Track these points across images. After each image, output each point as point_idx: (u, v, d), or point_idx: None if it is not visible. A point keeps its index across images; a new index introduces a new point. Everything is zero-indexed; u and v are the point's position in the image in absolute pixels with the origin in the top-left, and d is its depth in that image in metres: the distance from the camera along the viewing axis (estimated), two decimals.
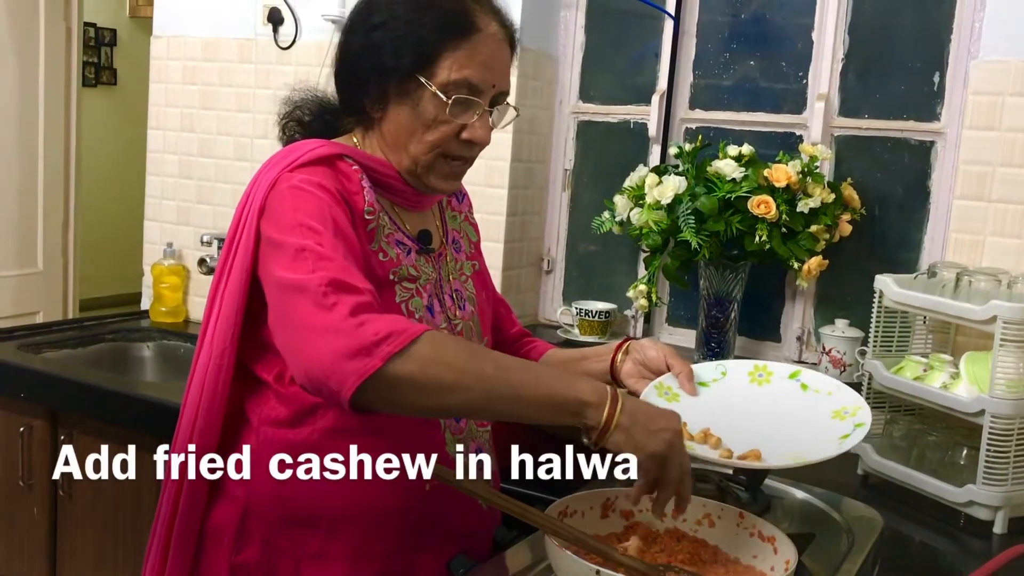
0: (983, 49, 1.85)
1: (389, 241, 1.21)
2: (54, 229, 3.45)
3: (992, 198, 1.82)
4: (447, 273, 1.30)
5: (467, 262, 1.37)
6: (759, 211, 1.99)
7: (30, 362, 2.20)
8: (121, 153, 5.83)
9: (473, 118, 1.18)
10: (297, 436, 1.18)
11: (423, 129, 1.18)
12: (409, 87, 1.17)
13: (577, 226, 2.48)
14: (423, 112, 1.17)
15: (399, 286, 1.20)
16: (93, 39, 6.17)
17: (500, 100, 1.22)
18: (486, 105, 1.19)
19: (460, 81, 1.16)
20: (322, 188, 1.13)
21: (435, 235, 1.31)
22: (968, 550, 1.50)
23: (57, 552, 2.14)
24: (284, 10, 2.54)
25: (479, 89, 1.17)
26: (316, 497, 1.17)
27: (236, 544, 1.20)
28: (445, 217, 1.37)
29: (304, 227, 1.09)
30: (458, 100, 1.16)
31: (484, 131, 1.20)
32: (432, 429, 1.22)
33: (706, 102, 2.32)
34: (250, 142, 2.65)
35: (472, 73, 1.16)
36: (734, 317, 2.15)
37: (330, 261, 1.05)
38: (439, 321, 1.25)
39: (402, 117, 1.19)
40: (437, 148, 1.19)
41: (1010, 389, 1.47)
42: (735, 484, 1.36)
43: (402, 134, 1.19)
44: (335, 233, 1.09)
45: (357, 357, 0.97)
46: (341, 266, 1.05)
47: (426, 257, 1.26)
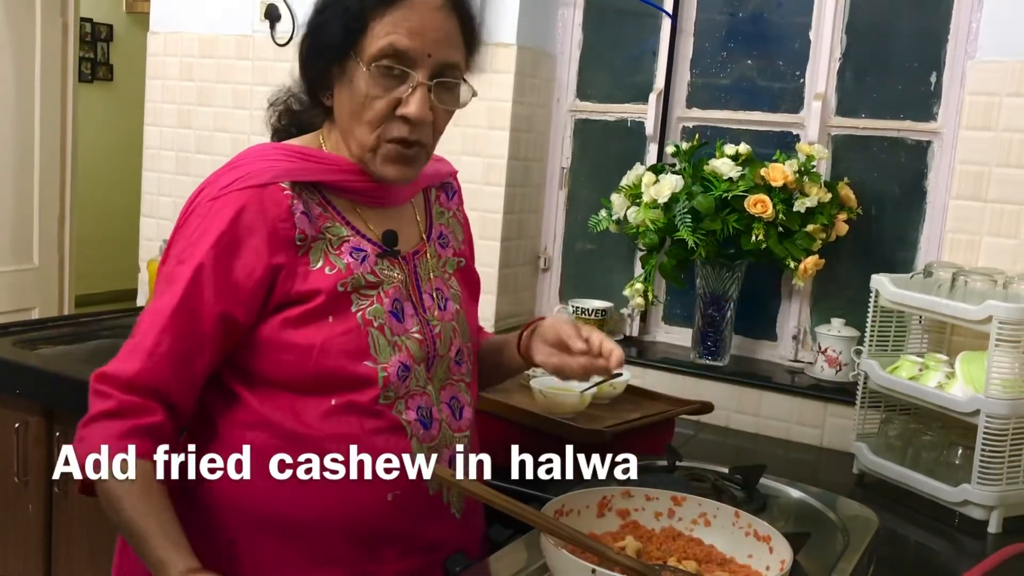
0: (980, 49, 1.86)
1: (340, 252, 1.17)
2: (50, 225, 3.45)
3: (988, 198, 1.83)
4: (427, 271, 1.27)
5: (452, 258, 1.33)
6: (756, 210, 1.99)
7: (25, 358, 2.20)
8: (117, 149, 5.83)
9: (406, 91, 1.12)
10: (258, 439, 1.16)
11: (360, 108, 1.13)
12: (347, 66, 1.13)
13: (574, 224, 2.48)
14: (357, 89, 1.12)
15: (356, 295, 1.16)
16: (89, 34, 6.16)
17: (447, 75, 1.14)
18: (422, 79, 1.12)
19: (385, 48, 1.10)
20: (219, 240, 1.12)
21: (410, 233, 1.27)
22: (963, 549, 1.50)
23: (52, 549, 2.14)
24: (281, 7, 2.54)
25: (409, 58, 1.11)
26: (275, 502, 1.15)
27: (199, 545, 1.14)
28: (432, 212, 1.32)
29: (161, 281, 1.14)
30: (381, 68, 1.10)
31: (419, 105, 1.11)
32: (397, 436, 1.18)
33: (703, 101, 2.32)
34: (247, 139, 2.64)
35: (397, 39, 1.10)
36: (730, 316, 2.16)
37: (133, 355, 1.12)
38: (410, 325, 1.21)
39: (343, 99, 1.15)
40: (376, 129, 1.13)
41: (1005, 389, 1.48)
42: (731, 483, 1.37)
43: (347, 118, 1.16)
44: (184, 292, 1.11)
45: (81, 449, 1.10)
46: (137, 363, 1.11)
47: (391, 260, 1.22)
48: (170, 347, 1.11)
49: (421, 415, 1.20)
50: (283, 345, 1.14)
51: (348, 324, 1.15)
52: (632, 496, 1.19)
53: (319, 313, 1.14)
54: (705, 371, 2.14)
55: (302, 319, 1.14)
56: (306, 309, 1.14)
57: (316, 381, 1.14)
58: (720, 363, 2.16)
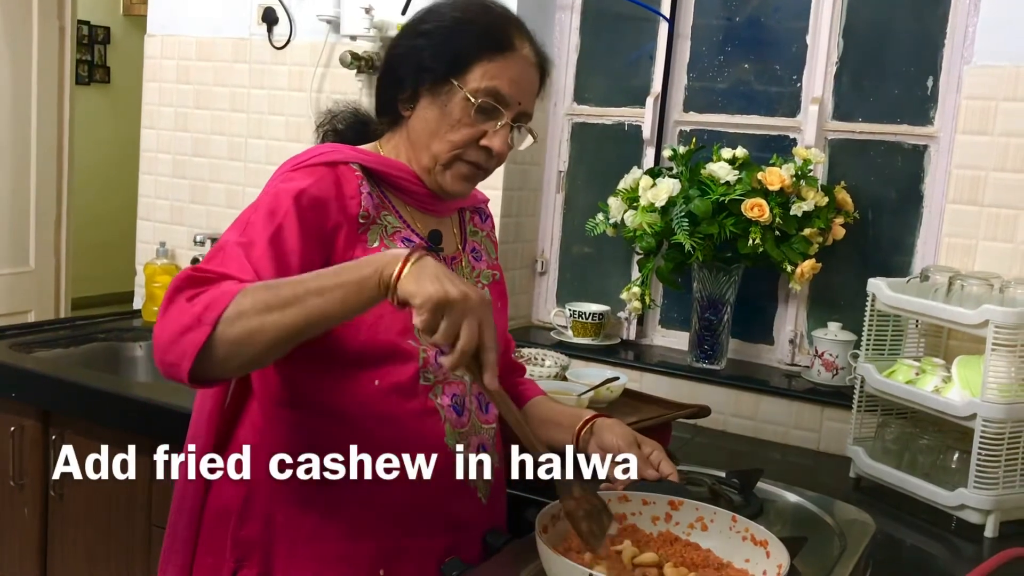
0: (976, 54, 1.86)
1: (394, 238, 1.26)
2: (46, 227, 3.44)
3: (985, 203, 1.83)
4: (462, 276, 1.33)
5: (487, 271, 1.43)
6: (753, 214, 2.00)
7: (21, 362, 2.19)
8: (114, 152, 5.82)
9: (495, 127, 1.25)
10: (296, 417, 1.24)
11: (447, 128, 1.25)
12: (441, 89, 1.25)
13: (571, 228, 2.49)
14: (450, 112, 1.24)
15: None
16: (87, 37, 6.15)
17: (522, 120, 1.29)
18: (509, 119, 1.26)
19: (489, 89, 1.23)
20: (301, 192, 1.17)
21: (449, 239, 1.37)
22: (959, 554, 1.51)
23: (48, 553, 2.13)
24: (279, 10, 2.54)
25: (505, 101, 1.25)
26: (314, 479, 1.19)
27: (240, 521, 1.26)
28: (466, 229, 1.43)
29: (245, 223, 1.16)
30: (484, 105, 1.24)
31: (502, 142, 1.26)
32: (432, 420, 1.25)
33: (700, 105, 2.33)
34: (244, 142, 2.64)
35: (501, 84, 1.24)
36: (727, 320, 2.16)
37: (232, 259, 1.11)
38: None
39: (430, 115, 1.26)
40: (457, 148, 1.26)
41: (1002, 393, 1.48)
42: (728, 487, 1.37)
43: (427, 132, 1.26)
44: (272, 235, 1.14)
45: (188, 332, 1.02)
46: (233, 260, 1.11)
47: (434, 255, 1.27)
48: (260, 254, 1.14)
49: (455, 402, 1.28)
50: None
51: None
52: (629, 500, 1.19)
53: None
54: (702, 375, 2.14)
55: None
56: None
57: (362, 355, 1.22)
58: (717, 367, 2.16)
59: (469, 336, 1.02)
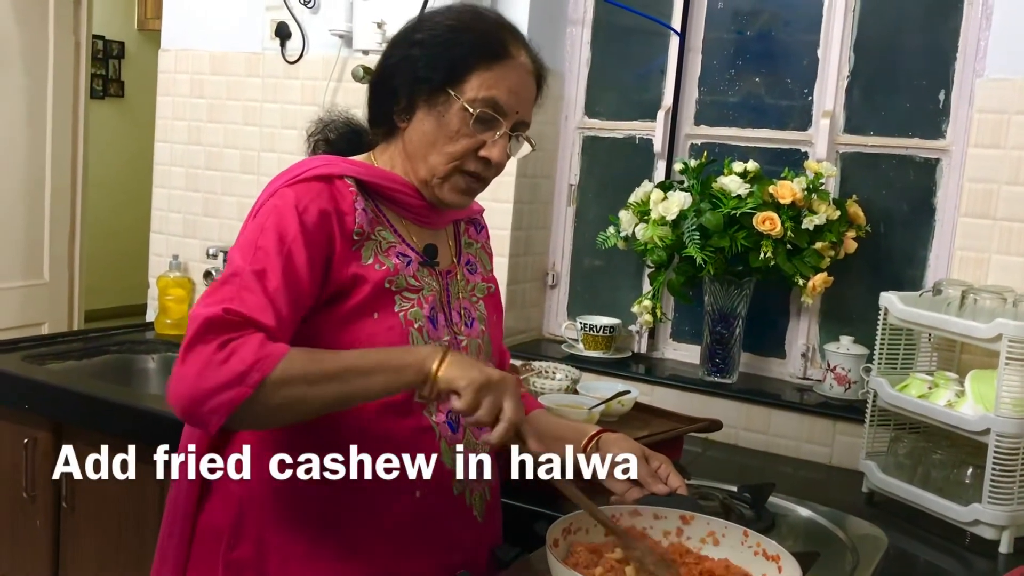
0: (988, 67, 1.86)
1: (388, 253, 1.24)
2: (60, 240, 3.46)
3: (997, 216, 1.82)
4: (456, 290, 1.34)
5: (481, 283, 1.40)
6: (764, 227, 1.99)
7: (34, 373, 2.20)
8: (128, 165, 5.86)
9: (494, 137, 1.23)
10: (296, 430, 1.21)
11: (445, 140, 1.23)
12: (438, 99, 1.23)
13: (582, 241, 2.49)
14: (448, 123, 1.22)
15: (399, 296, 1.23)
16: (101, 51, 6.21)
17: (520, 129, 1.27)
18: (507, 129, 1.24)
19: (487, 99, 1.21)
20: (304, 212, 1.16)
21: (444, 253, 1.35)
22: (973, 570, 1.49)
23: (60, 563, 2.14)
24: (292, 25, 2.55)
25: (503, 111, 1.23)
26: (308, 498, 1.20)
27: (231, 541, 1.23)
28: (461, 241, 1.41)
29: (255, 248, 1.14)
30: (482, 116, 1.22)
31: (501, 152, 1.24)
32: (428, 437, 1.23)
33: (711, 118, 2.33)
34: (257, 155, 2.66)
35: (499, 94, 1.22)
36: (739, 333, 2.15)
37: (249, 293, 1.10)
38: (442, 334, 1.27)
39: (426, 126, 1.24)
40: (455, 160, 1.24)
41: (1016, 408, 1.47)
42: (740, 501, 1.36)
43: (424, 144, 1.24)
44: (284, 263, 1.13)
45: (228, 390, 1.03)
46: (251, 296, 1.10)
47: (430, 270, 1.29)
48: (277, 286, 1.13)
49: (450, 418, 1.26)
50: (332, 341, 1.18)
51: (391, 321, 1.22)
52: (640, 515, 1.19)
53: (365, 309, 1.20)
54: (713, 388, 2.13)
55: (350, 316, 1.19)
56: (354, 303, 1.19)
57: None
58: (728, 380, 2.15)
59: (515, 411, 1.09)
